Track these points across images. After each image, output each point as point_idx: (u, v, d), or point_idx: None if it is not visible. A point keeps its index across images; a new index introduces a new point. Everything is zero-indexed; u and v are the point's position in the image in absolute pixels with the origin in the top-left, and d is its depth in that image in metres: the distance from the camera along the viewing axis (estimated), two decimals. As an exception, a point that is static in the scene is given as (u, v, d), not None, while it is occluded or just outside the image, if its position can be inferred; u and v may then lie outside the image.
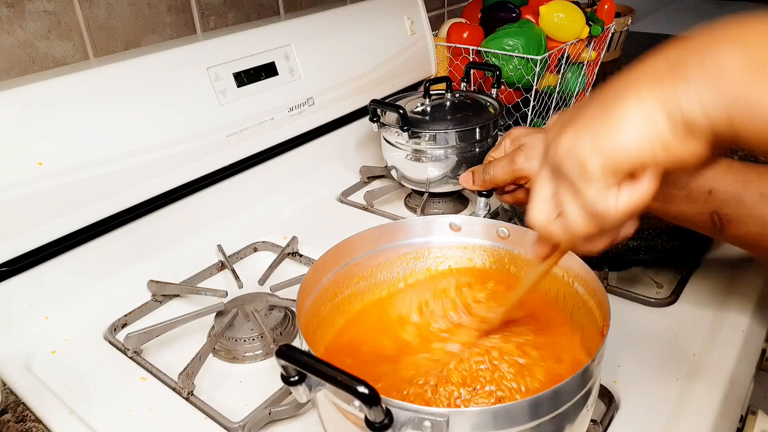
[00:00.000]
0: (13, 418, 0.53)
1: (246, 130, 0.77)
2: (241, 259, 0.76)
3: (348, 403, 0.35)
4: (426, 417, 0.33)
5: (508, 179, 0.59)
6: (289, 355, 0.34)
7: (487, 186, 0.61)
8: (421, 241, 0.55)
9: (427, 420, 0.33)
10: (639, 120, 0.32)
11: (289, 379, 0.35)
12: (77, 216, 0.62)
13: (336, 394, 0.36)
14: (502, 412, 0.34)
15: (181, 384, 0.54)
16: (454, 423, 0.33)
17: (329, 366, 0.33)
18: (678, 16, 2.01)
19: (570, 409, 0.37)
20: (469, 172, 0.62)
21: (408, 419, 0.33)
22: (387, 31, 0.98)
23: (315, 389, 0.36)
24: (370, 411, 0.32)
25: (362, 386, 0.31)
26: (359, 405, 0.33)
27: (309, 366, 0.34)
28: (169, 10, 0.80)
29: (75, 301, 0.65)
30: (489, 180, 0.60)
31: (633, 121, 0.33)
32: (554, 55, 1.04)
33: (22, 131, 0.58)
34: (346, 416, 0.37)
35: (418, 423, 0.33)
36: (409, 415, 0.33)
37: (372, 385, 0.31)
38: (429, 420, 0.33)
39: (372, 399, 0.31)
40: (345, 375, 0.32)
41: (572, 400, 0.37)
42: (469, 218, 0.54)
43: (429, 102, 0.84)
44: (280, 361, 0.34)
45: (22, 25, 0.66)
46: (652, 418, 0.50)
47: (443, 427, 0.33)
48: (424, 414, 0.33)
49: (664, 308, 0.62)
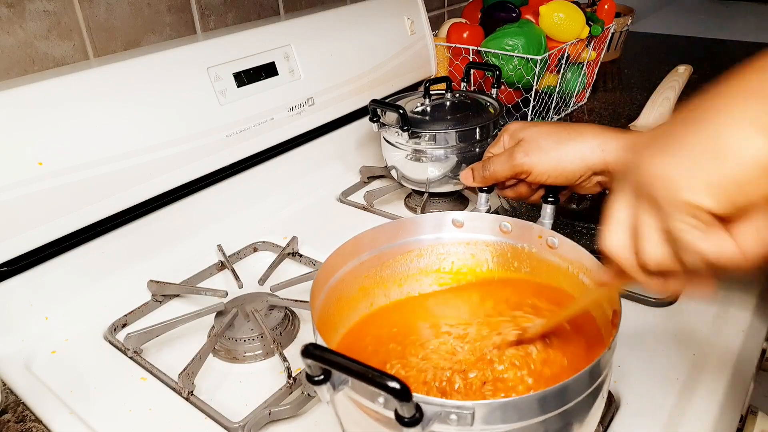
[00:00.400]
0: (13, 418, 0.53)
1: (246, 130, 0.77)
2: (241, 259, 0.76)
3: (372, 400, 0.35)
4: (452, 410, 0.33)
5: (508, 175, 0.59)
6: (316, 354, 0.34)
7: (488, 182, 0.61)
8: (424, 238, 0.55)
9: (453, 413, 0.33)
10: (751, 145, 0.29)
11: (313, 378, 0.35)
12: (77, 216, 0.62)
13: (358, 392, 0.36)
14: (528, 402, 0.35)
15: (181, 384, 0.54)
16: (479, 415, 0.34)
17: (358, 362, 0.33)
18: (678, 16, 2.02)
19: (591, 395, 0.37)
20: (469, 169, 0.62)
21: (434, 413, 0.33)
22: (387, 31, 0.98)
23: (339, 388, 0.36)
24: (401, 406, 0.32)
25: (394, 381, 0.31)
26: (384, 401, 0.33)
27: (337, 363, 0.33)
28: (169, 10, 0.80)
29: (75, 301, 0.65)
30: (489, 176, 0.60)
31: (742, 146, 0.29)
32: (554, 55, 1.04)
33: (22, 131, 0.58)
34: (367, 413, 0.37)
35: (445, 417, 0.34)
36: (436, 409, 0.33)
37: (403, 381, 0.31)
38: (455, 413, 0.33)
39: (404, 394, 0.31)
40: (375, 371, 0.32)
41: (593, 386, 0.37)
42: (472, 214, 0.54)
43: (429, 102, 0.84)
44: (306, 360, 0.34)
45: (22, 25, 0.66)
46: (652, 418, 0.50)
47: (469, 419, 0.34)
48: (450, 408, 0.33)
49: (664, 308, 0.62)
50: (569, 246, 0.49)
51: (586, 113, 1.18)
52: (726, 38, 1.63)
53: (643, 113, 1.08)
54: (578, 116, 1.16)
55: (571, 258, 0.49)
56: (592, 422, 0.40)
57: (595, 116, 1.16)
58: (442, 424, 0.34)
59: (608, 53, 1.44)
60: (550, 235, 0.50)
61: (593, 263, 0.46)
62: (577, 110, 1.19)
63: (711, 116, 0.31)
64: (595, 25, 1.08)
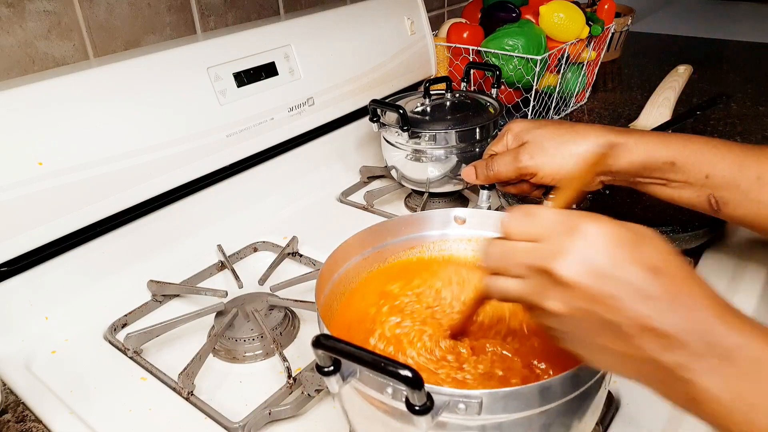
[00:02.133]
0: (13, 418, 0.53)
1: (246, 130, 0.77)
2: (241, 259, 0.76)
3: (380, 391, 0.35)
4: (461, 399, 0.34)
5: (512, 176, 0.59)
6: (327, 344, 0.34)
7: (490, 181, 0.61)
8: (426, 235, 0.55)
9: (462, 402, 0.34)
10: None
11: (323, 369, 0.35)
12: (77, 216, 0.62)
13: (366, 383, 0.36)
14: (534, 390, 0.35)
15: (181, 384, 0.54)
16: (487, 404, 0.34)
17: (369, 352, 0.33)
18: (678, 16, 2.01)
19: (595, 384, 0.38)
20: (472, 167, 0.62)
21: (444, 402, 0.34)
22: (387, 31, 0.98)
23: (348, 379, 0.36)
24: (413, 394, 0.32)
25: (406, 370, 0.31)
26: (392, 392, 0.34)
27: (347, 353, 0.34)
28: (169, 10, 0.80)
29: (75, 301, 0.65)
30: (493, 176, 0.60)
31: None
32: (554, 55, 1.04)
33: (22, 131, 0.58)
34: (374, 405, 0.37)
35: (453, 405, 0.34)
36: (445, 398, 0.34)
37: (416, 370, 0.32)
38: (464, 402, 0.34)
39: (416, 382, 0.31)
40: (387, 360, 0.32)
41: (597, 375, 0.38)
42: (474, 211, 0.54)
43: (429, 102, 0.84)
44: (317, 351, 0.34)
45: (22, 25, 0.66)
46: (652, 418, 0.49)
47: (477, 408, 0.34)
48: (458, 397, 0.34)
49: (664, 308, 0.62)
50: None
51: (586, 113, 1.18)
52: (726, 38, 1.63)
53: (643, 113, 1.08)
54: (578, 116, 1.16)
55: None
56: (593, 416, 0.41)
57: (595, 116, 1.16)
58: (450, 414, 0.34)
59: (608, 53, 1.44)
60: None
61: None
62: (577, 110, 1.19)
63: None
64: (595, 25, 1.08)
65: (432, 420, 0.33)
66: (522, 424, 0.36)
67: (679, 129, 1.05)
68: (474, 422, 0.35)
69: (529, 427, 0.36)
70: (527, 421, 0.36)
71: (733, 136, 1.03)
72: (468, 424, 0.35)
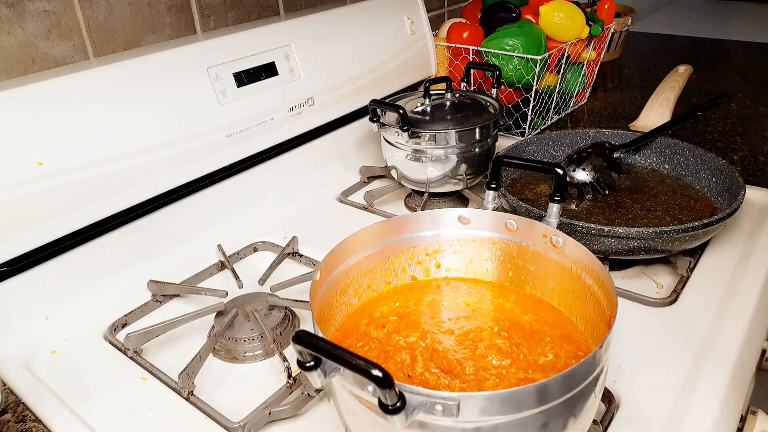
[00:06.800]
0: (13, 418, 0.53)
1: (246, 130, 0.77)
2: (241, 259, 0.76)
3: (362, 388, 0.36)
4: (438, 401, 0.34)
5: None
6: (305, 340, 0.35)
7: None
8: (430, 234, 0.55)
9: (439, 404, 0.34)
10: None
11: (304, 364, 0.36)
12: (77, 216, 0.62)
13: (348, 380, 0.37)
14: (512, 396, 0.35)
15: (181, 384, 0.54)
16: (464, 407, 0.34)
17: (344, 350, 0.33)
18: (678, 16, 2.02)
19: (578, 395, 0.37)
20: None
21: (420, 403, 0.34)
22: (387, 31, 0.98)
23: (330, 375, 0.36)
24: (383, 394, 0.32)
25: (376, 369, 0.32)
26: (372, 389, 0.34)
27: (324, 350, 0.34)
28: (169, 10, 0.80)
29: (75, 301, 0.65)
30: None
31: None
32: (554, 55, 1.04)
33: (22, 131, 0.58)
34: (361, 402, 0.37)
35: (430, 406, 0.34)
36: (421, 399, 0.34)
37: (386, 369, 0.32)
38: (440, 404, 0.34)
39: (386, 382, 0.32)
40: (359, 359, 0.33)
41: (581, 386, 0.37)
42: (478, 211, 0.55)
43: (429, 102, 0.84)
44: (296, 346, 0.35)
45: (22, 25, 0.66)
46: (652, 418, 0.50)
47: (454, 410, 0.34)
48: (435, 398, 0.34)
49: (664, 308, 0.62)
50: (572, 245, 0.49)
51: (586, 113, 1.18)
52: (726, 38, 1.63)
53: (643, 113, 1.08)
54: (578, 116, 1.16)
55: (574, 257, 0.49)
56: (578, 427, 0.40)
57: (595, 116, 1.16)
58: (427, 414, 0.34)
59: (608, 53, 1.44)
60: (554, 234, 0.51)
61: (595, 263, 0.47)
62: (577, 110, 1.19)
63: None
64: (595, 25, 1.08)
65: (406, 419, 0.33)
66: (503, 429, 0.36)
67: (679, 129, 1.05)
68: (459, 424, 0.35)
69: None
70: (506, 427, 0.36)
71: (733, 136, 1.03)
72: (455, 426, 0.35)
